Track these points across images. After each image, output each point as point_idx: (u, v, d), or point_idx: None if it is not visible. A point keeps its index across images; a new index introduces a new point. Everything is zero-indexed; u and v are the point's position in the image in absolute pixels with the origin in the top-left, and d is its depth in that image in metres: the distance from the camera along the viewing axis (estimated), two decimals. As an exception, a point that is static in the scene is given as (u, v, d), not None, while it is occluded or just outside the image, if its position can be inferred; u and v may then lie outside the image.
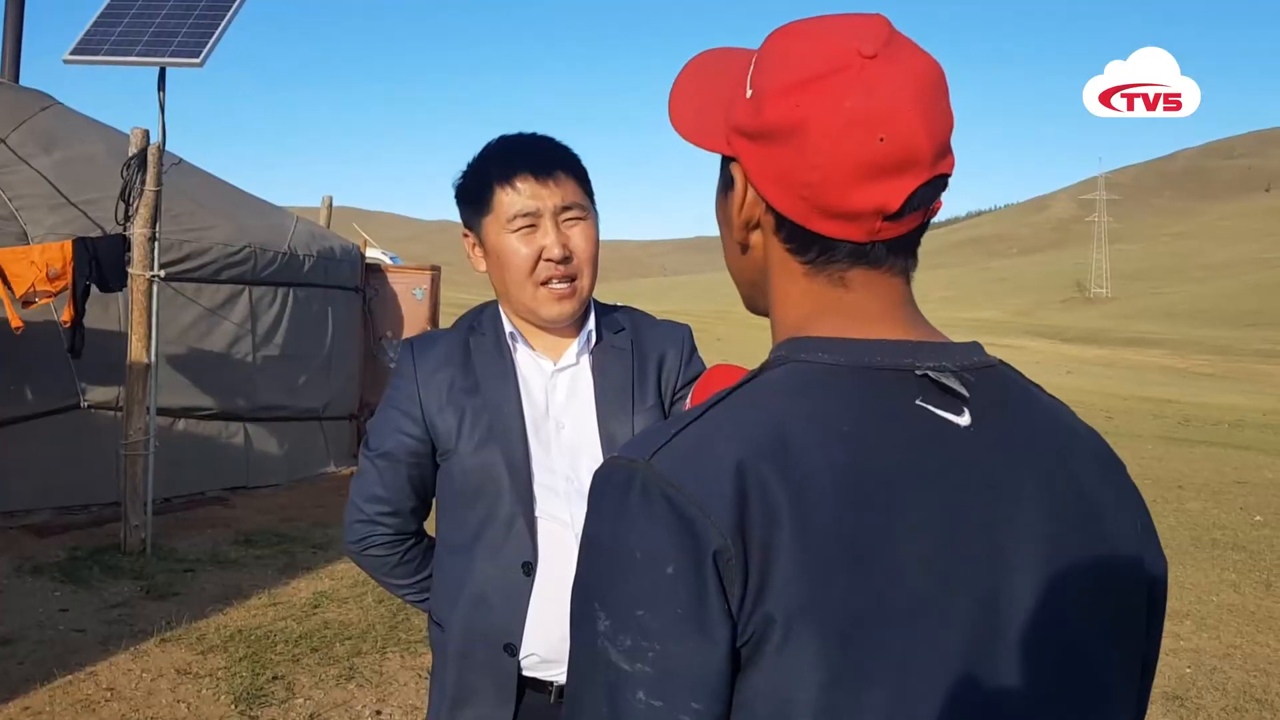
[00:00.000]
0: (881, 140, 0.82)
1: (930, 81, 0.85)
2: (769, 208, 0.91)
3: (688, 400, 1.87)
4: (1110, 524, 0.92)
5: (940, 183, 0.87)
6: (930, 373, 0.86)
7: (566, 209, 1.84)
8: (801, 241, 0.90)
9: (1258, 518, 9.97)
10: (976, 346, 0.93)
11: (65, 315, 6.29)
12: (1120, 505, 0.94)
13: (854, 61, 0.83)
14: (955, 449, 0.86)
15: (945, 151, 0.86)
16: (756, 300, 1.00)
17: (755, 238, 0.95)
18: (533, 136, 1.91)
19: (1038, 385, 0.98)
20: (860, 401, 0.85)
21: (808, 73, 0.84)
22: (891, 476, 0.83)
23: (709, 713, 0.78)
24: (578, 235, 1.85)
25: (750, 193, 0.92)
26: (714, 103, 0.94)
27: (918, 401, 0.86)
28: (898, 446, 0.84)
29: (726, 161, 0.95)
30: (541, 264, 1.82)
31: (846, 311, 0.90)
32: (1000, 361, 0.94)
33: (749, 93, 0.89)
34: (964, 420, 0.87)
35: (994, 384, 0.91)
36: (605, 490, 0.84)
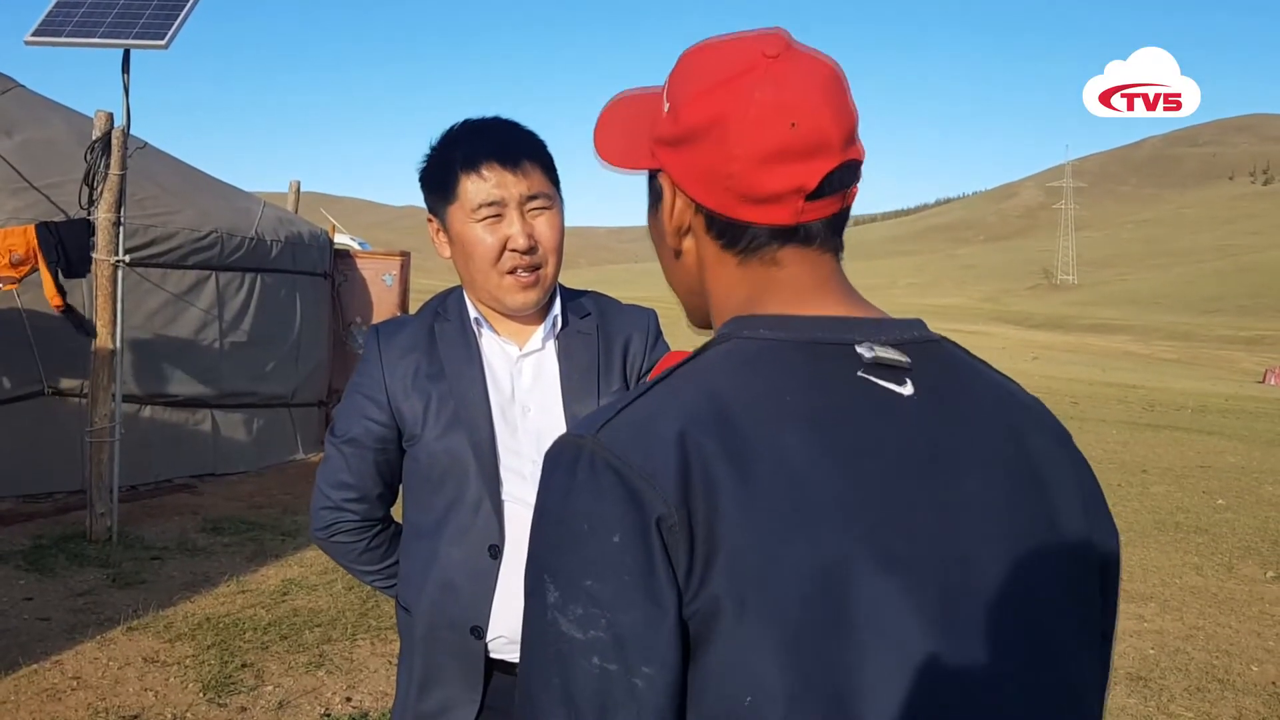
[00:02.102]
0: (793, 126, 0.89)
1: (831, 77, 0.92)
2: (698, 208, 0.96)
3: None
4: (1059, 493, 0.94)
5: (853, 168, 0.93)
6: (870, 347, 0.89)
7: (532, 198, 1.82)
8: (733, 234, 0.95)
9: (1220, 501, 10.12)
10: (919, 323, 0.96)
11: (56, 302, 6.20)
12: (1068, 474, 0.96)
13: (760, 62, 0.91)
14: (900, 418, 0.88)
15: (853, 139, 0.92)
16: (698, 307, 1.04)
17: (688, 243, 0.99)
18: (498, 121, 1.89)
19: (983, 361, 1.00)
20: (804, 374, 0.88)
21: (719, 76, 0.92)
22: (837, 445, 0.85)
23: (659, 677, 0.80)
24: (543, 224, 1.84)
25: (679, 198, 0.97)
26: (635, 129, 1.01)
27: (860, 373, 0.89)
28: (842, 416, 0.87)
29: (653, 176, 1.01)
30: (506, 254, 1.81)
31: (783, 289, 0.94)
32: (943, 338, 0.97)
33: (666, 107, 0.96)
34: (907, 390, 0.90)
35: (937, 357, 0.94)
36: (555, 467, 0.87)
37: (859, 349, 0.89)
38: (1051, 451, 0.96)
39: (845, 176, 0.92)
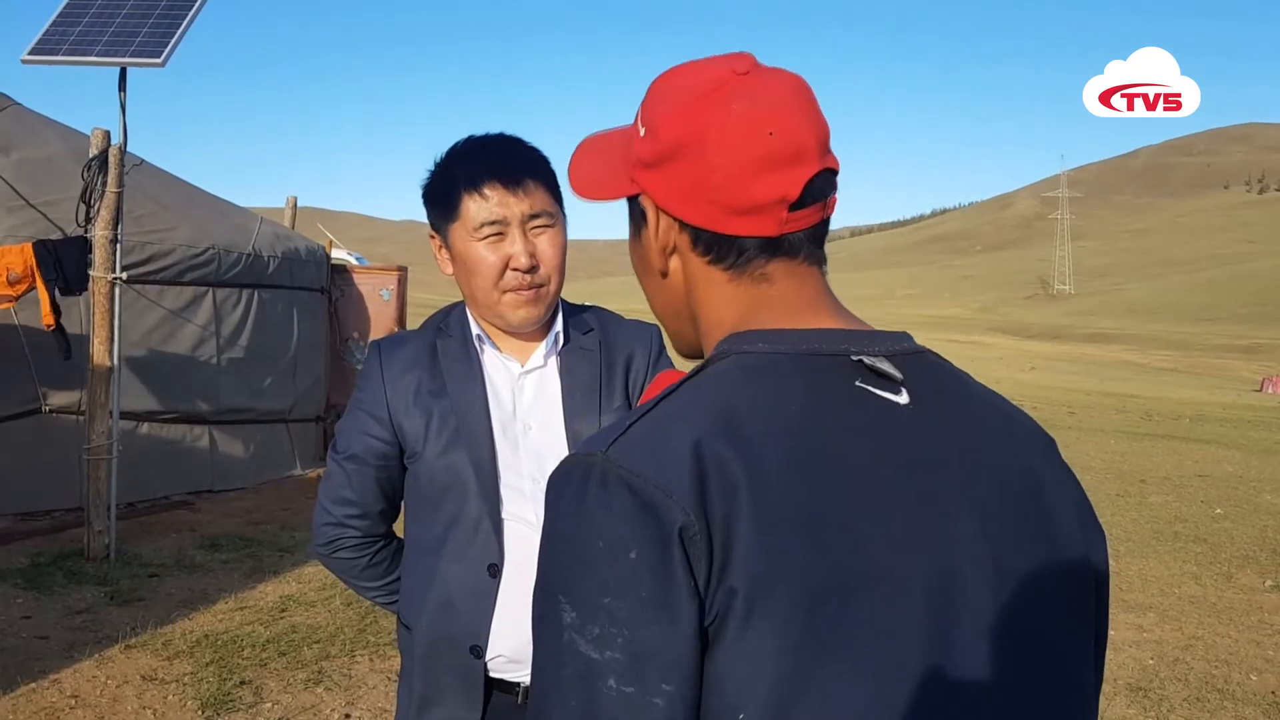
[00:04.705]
0: (771, 134, 0.91)
1: (799, 89, 0.95)
2: (683, 226, 0.97)
3: (634, 405, 1.87)
4: (1052, 498, 0.96)
5: (831, 177, 0.96)
6: (865, 358, 0.91)
7: (535, 217, 1.82)
8: (720, 249, 0.96)
9: (1218, 510, 10.12)
10: (906, 336, 0.98)
11: (47, 320, 6.19)
12: (1057, 481, 0.98)
13: (731, 78, 0.94)
14: (899, 426, 0.90)
15: (827, 148, 0.95)
16: (685, 332, 1.05)
17: (674, 263, 1.00)
18: (501, 138, 1.89)
19: (966, 373, 1.02)
20: (804, 385, 0.89)
21: (694, 93, 0.94)
22: (841, 453, 0.86)
23: (679, 694, 0.80)
24: (545, 243, 1.84)
25: (663, 219, 0.98)
26: (609, 160, 1.03)
27: (857, 383, 0.90)
28: (844, 425, 0.88)
29: (634, 201, 1.02)
30: (508, 273, 1.81)
31: (775, 305, 0.96)
32: (927, 349, 0.99)
33: (642, 131, 0.98)
34: (903, 399, 0.91)
35: (926, 368, 0.96)
36: (564, 485, 0.86)
37: (855, 359, 0.91)
38: (1041, 461, 0.98)
39: (824, 185, 0.94)
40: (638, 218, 1.02)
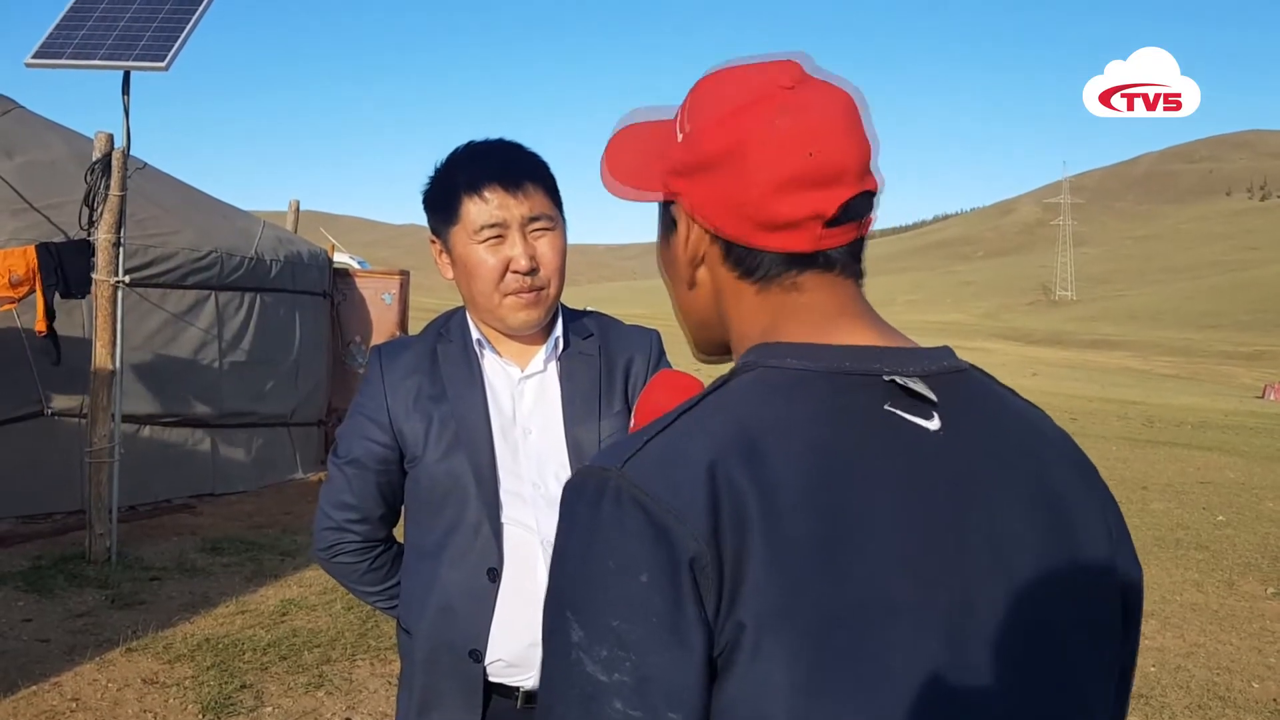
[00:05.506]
0: (811, 155, 0.88)
1: (848, 108, 0.92)
2: (714, 238, 0.94)
3: (633, 408, 1.87)
4: (1083, 528, 0.92)
5: (869, 198, 0.93)
6: (898, 379, 0.87)
7: (534, 220, 1.83)
8: (750, 263, 0.93)
9: (1220, 517, 10.11)
10: (947, 351, 0.94)
11: (40, 326, 6.20)
12: (1093, 509, 0.94)
13: (777, 92, 0.90)
14: (925, 453, 0.86)
15: (868, 170, 0.92)
16: (711, 340, 1.03)
17: (702, 274, 0.98)
18: (501, 143, 1.90)
19: (1011, 389, 0.98)
20: (829, 407, 0.86)
21: (738, 103, 0.91)
22: (862, 481, 0.83)
23: None
24: (545, 246, 1.85)
25: (694, 229, 0.96)
26: (646, 157, 1.00)
27: (886, 406, 0.87)
28: (867, 451, 0.85)
29: (665, 206, 1.00)
30: (508, 275, 1.82)
31: (806, 313, 0.93)
32: (971, 366, 0.95)
33: (680, 136, 0.95)
34: (933, 425, 0.87)
35: (964, 389, 0.92)
36: (577, 500, 0.84)
37: (886, 381, 0.87)
38: (1076, 486, 0.94)
39: (861, 206, 0.91)
40: (668, 223, 1.00)
